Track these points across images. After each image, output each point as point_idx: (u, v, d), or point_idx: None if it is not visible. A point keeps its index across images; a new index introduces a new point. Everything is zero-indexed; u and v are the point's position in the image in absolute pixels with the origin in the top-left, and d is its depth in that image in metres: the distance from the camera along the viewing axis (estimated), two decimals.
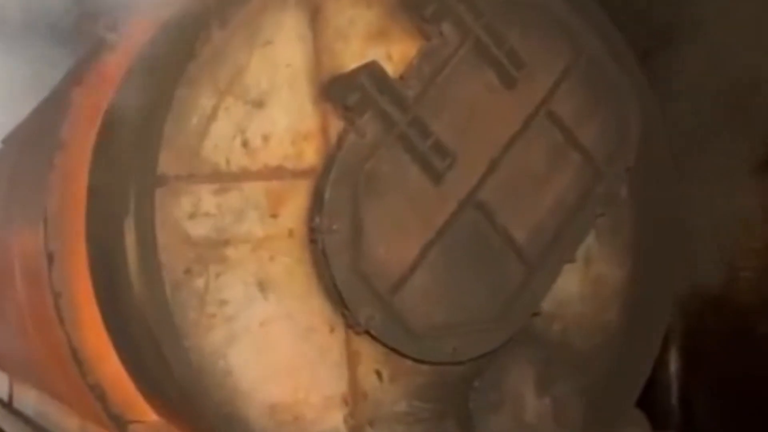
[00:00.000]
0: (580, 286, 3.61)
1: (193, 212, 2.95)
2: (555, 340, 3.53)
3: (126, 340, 3.18)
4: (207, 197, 2.97)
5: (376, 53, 3.13)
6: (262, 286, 3.03)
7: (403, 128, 3.03)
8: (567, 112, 3.34)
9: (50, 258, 3.30)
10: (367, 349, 3.18)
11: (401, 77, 3.09)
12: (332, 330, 3.13)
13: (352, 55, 3.13)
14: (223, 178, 2.99)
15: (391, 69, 3.10)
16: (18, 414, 4.78)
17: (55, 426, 3.77)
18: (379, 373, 3.21)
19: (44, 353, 3.72)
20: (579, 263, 3.61)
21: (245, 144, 3.02)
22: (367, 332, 3.06)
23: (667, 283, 3.66)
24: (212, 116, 2.99)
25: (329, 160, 3.05)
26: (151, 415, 3.27)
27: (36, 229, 3.43)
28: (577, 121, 3.36)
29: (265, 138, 3.05)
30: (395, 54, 3.17)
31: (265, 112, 3.05)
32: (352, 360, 3.16)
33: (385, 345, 3.08)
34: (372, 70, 3.01)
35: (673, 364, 4.04)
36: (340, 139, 3.05)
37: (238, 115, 3.02)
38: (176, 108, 2.93)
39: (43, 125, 3.75)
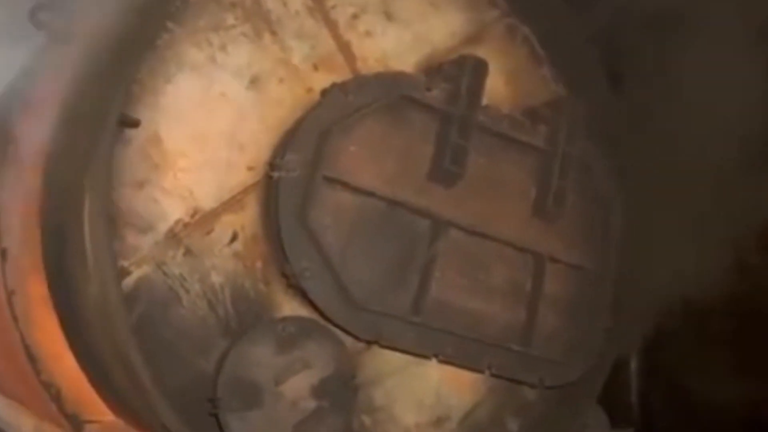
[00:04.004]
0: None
1: None
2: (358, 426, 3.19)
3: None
4: None
5: None
6: (254, 81, 3.07)
7: (456, 115, 3.13)
8: (551, 282, 3.33)
9: (3, 255, 3.18)
10: (253, 223, 3.05)
11: (488, 104, 3.27)
12: (250, 169, 3.05)
13: None
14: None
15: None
16: None
17: (9, 425, 3.38)
18: (234, 236, 3.03)
19: None
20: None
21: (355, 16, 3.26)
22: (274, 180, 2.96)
23: None
24: None
25: None
26: (108, 415, 3.10)
27: None
28: (551, 299, 3.32)
29: (355, 17, 3.27)
30: None
31: (379, 18, 3.30)
32: (233, 204, 3.03)
33: (275, 207, 2.94)
34: (479, 66, 3.22)
35: (633, 363, 4.09)
36: None
37: None
38: None
39: None
